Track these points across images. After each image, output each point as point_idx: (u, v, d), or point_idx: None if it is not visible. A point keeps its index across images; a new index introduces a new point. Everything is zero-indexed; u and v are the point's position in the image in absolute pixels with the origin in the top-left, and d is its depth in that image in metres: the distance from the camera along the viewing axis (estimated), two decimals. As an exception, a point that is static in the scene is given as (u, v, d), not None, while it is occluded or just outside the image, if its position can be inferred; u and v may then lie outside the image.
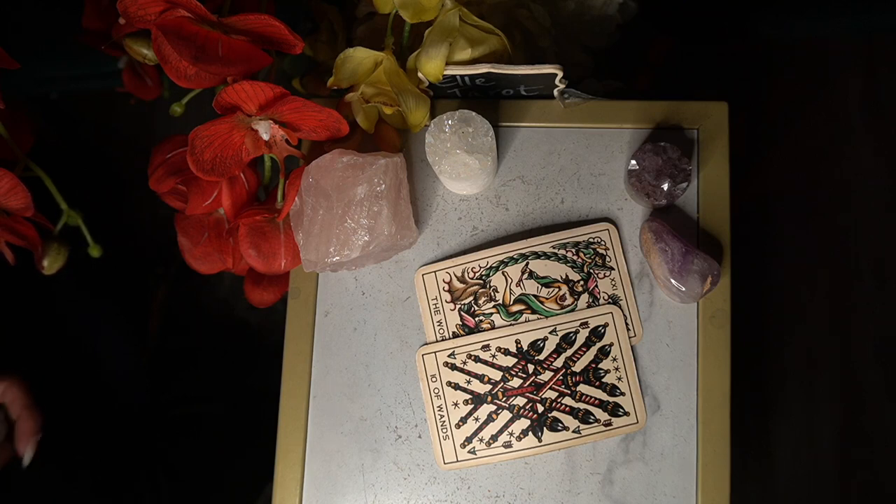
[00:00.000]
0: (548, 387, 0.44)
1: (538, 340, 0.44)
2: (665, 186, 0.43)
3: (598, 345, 0.44)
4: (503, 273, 0.45)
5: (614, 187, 0.46)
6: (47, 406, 0.74)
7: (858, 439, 0.74)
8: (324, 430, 0.45)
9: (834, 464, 0.74)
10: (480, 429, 0.44)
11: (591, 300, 0.45)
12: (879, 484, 0.73)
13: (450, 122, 0.42)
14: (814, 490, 0.74)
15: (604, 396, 0.44)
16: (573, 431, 0.43)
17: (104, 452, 0.74)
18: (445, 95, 0.48)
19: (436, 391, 0.45)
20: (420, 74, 0.44)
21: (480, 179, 0.44)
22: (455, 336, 0.45)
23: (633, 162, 0.44)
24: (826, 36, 0.78)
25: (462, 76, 0.44)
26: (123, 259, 0.80)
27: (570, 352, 0.44)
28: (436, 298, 0.46)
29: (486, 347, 0.44)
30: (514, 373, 0.44)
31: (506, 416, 0.44)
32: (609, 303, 0.45)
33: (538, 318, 0.45)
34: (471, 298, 0.45)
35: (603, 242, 0.45)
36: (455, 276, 0.46)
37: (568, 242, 0.45)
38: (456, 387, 0.44)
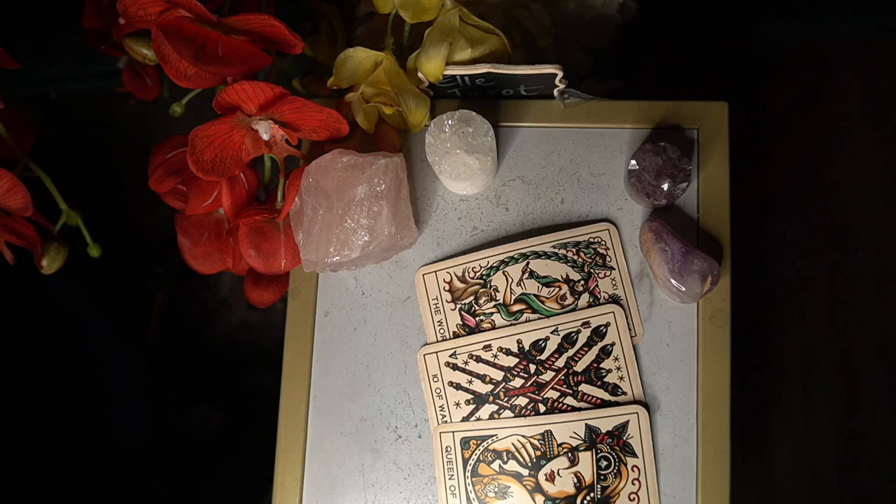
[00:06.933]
0: (549, 387, 0.44)
1: (539, 340, 0.44)
2: (665, 186, 0.43)
3: (600, 344, 0.44)
4: (504, 273, 0.45)
5: (614, 187, 0.46)
6: (43, 408, 0.74)
7: (858, 439, 0.74)
8: (324, 430, 0.45)
9: (834, 463, 0.74)
10: (481, 429, 0.44)
11: (591, 300, 0.45)
12: (879, 484, 0.73)
13: (450, 122, 0.42)
14: (814, 490, 0.74)
15: (605, 396, 0.44)
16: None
17: (103, 453, 0.74)
18: (445, 95, 0.48)
19: (437, 391, 0.45)
20: (420, 74, 0.44)
21: (480, 179, 0.44)
22: (456, 336, 0.45)
23: (633, 162, 0.44)
24: (826, 36, 0.78)
25: (462, 76, 0.44)
26: (123, 259, 0.80)
27: (571, 351, 0.44)
28: (436, 298, 0.46)
29: (487, 347, 0.44)
30: (515, 373, 0.44)
31: (507, 416, 0.44)
32: (610, 302, 0.45)
33: (539, 318, 0.45)
34: (471, 298, 0.45)
35: (603, 242, 0.45)
36: (455, 275, 0.46)
37: (568, 242, 0.45)
38: (457, 387, 0.44)
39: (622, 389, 0.44)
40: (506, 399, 0.44)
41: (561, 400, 0.44)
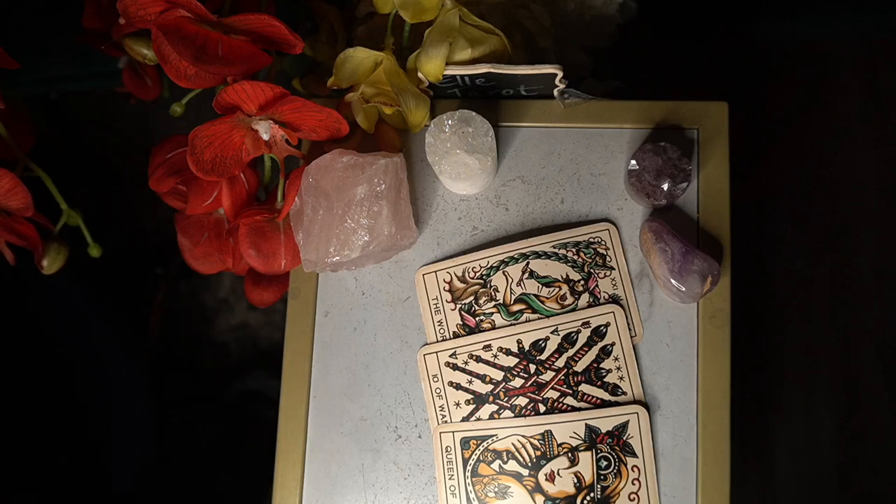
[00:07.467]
0: (549, 387, 0.44)
1: (539, 340, 0.44)
2: (665, 186, 0.43)
3: (600, 344, 0.44)
4: (504, 273, 0.45)
5: (614, 187, 0.46)
6: (43, 408, 0.74)
7: (858, 439, 0.74)
8: (324, 430, 0.45)
9: (834, 463, 0.74)
10: (481, 429, 0.44)
11: (591, 300, 0.45)
12: (879, 484, 0.73)
13: (450, 122, 0.42)
14: (814, 489, 0.74)
15: (605, 396, 0.44)
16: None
17: (103, 453, 0.74)
18: (445, 95, 0.48)
19: (437, 391, 0.45)
20: (420, 74, 0.44)
21: (480, 179, 0.44)
22: (456, 336, 0.45)
23: (633, 162, 0.44)
24: (826, 36, 0.78)
25: (462, 76, 0.44)
26: (123, 259, 0.80)
27: (571, 351, 0.44)
28: (436, 298, 0.46)
29: (487, 347, 0.44)
30: (515, 373, 0.44)
31: (507, 416, 0.44)
32: (610, 302, 0.45)
33: (539, 318, 0.45)
34: (471, 298, 0.45)
35: (603, 242, 0.45)
36: (455, 275, 0.46)
37: (568, 242, 0.45)
38: (457, 387, 0.44)
39: (622, 389, 0.44)
40: (506, 399, 0.44)
41: (561, 400, 0.44)
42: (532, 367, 0.44)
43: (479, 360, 0.45)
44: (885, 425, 0.74)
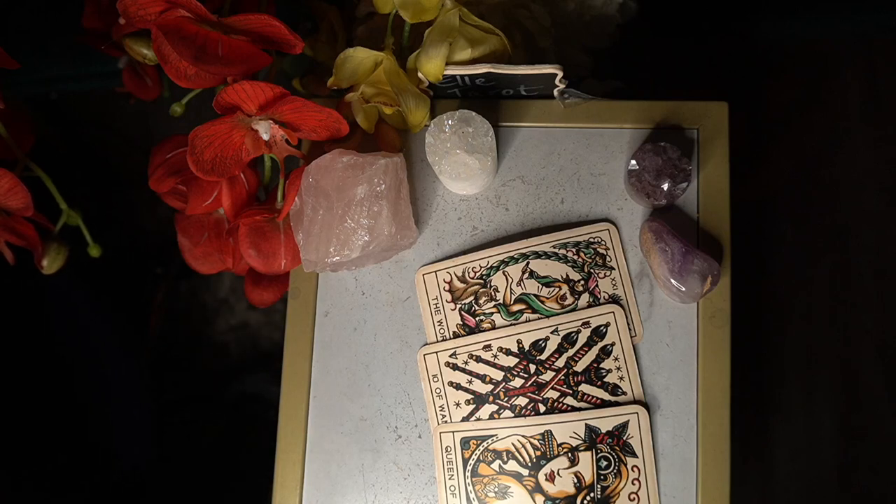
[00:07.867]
0: (549, 387, 0.44)
1: (539, 340, 0.44)
2: (665, 186, 0.43)
3: (600, 344, 0.44)
4: (504, 273, 0.45)
5: (614, 187, 0.46)
6: (43, 407, 0.74)
7: (858, 439, 0.74)
8: (324, 430, 0.45)
9: (834, 463, 0.74)
10: (481, 429, 0.44)
11: (591, 300, 0.45)
12: (879, 484, 0.73)
13: (450, 122, 0.42)
14: (814, 490, 0.74)
15: (605, 396, 0.44)
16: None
17: (103, 453, 0.74)
18: (445, 95, 0.48)
19: (437, 391, 0.45)
20: (420, 74, 0.44)
21: (480, 179, 0.45)
22: (456, 336, 0.45)
23: (633, 162, 0.44)
24: (826, 36, 0.78)
25: (462, 76, 0.44)
26: (123, 259, 0.80)
27: (571, 351, 0.44)
28: (436, 298, 0.46)
29: (487, 347, 0.44)
30: (515, 373, 0.44)
31: (507, 416, 0.44)
32: (610, 302, 0.45)
33: (539, 318, 0.45)
34: (471, 298, 0.45)
35: (603, 242, 0.45)
36: (455, 275, 0.46)
37: (568, 242, 0.45)
38: (457, 387, 0.44)
39: (622, 389, 0.44)
40: (506, 399, 0.44)
41: (561, 400, 0.44)
42: (532, 367, 0.44)
43: (479, 360, 0.45)
44: (885, 425, 0.74)
